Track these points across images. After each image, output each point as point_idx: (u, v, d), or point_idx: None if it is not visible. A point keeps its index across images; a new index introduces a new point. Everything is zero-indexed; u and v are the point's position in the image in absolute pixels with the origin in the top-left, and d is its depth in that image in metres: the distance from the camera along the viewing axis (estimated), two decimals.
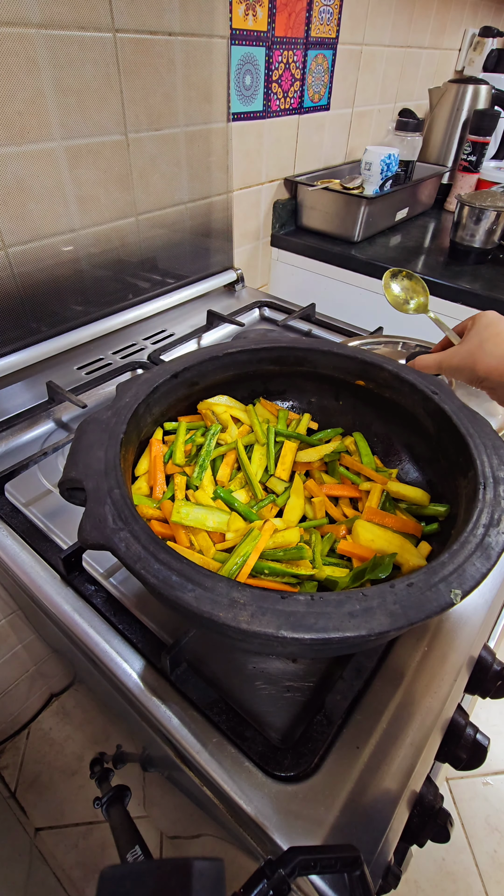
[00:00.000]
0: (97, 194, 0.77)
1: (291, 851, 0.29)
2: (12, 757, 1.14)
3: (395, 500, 0.48)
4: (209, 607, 0.30)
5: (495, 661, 0.49)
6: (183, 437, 0.50)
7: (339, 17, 1.09)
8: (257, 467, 0.50)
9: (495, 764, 1.19)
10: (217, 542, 0.43)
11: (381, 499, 0.47)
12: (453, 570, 0.32)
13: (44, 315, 0.78)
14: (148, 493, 0.47)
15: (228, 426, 0.53)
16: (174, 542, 0.42)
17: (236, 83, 0.93)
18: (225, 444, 0.52)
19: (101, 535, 0.34)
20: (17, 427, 0.69)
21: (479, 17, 1.66)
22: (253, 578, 0.39)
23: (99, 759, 0.84)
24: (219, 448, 0.51)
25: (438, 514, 0.45)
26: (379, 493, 0.47)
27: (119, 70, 0.71)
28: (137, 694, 0.42)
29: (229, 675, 0.43)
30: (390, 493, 0.47)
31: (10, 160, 0.65)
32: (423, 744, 0.40)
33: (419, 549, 0.42)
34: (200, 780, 0.39)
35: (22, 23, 0.59)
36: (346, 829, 0.35)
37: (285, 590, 0.39)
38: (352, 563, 0.42)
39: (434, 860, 1.05)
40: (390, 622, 0.29)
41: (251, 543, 0.40)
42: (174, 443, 0.49)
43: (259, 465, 0.51)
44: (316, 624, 0.29)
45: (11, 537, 0.54)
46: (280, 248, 1.25)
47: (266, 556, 0.41)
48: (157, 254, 0.92)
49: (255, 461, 0.51)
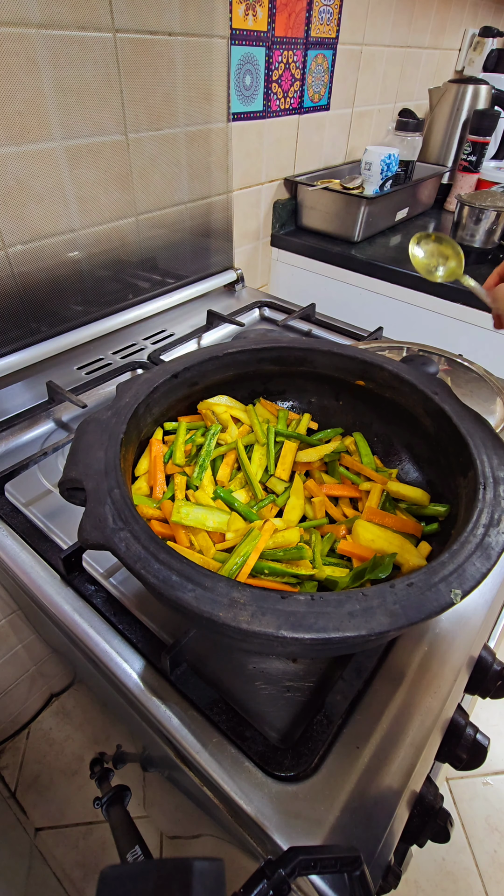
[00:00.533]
0: (97, 194, 0.77)
1: (291, 851, 0.29)
2: (12, 757, 1.14)
3: (394, 500, 0.48)
4: (209, 607, 0.30)
5: (495, 661, 0.49)
6: (183, 437, 0.50)
7: (339, 17, 1.09)
8: (257, 467, 0.50)
9: (495, 764, 1.19)
10: (217, 542, 0.43)
11: (380, 499, 0.47)
12: (453, 570, 0.32)
13: (44, 315, 0.78)
14: (148, 493, 0.47)
15: (228, 426, 0.53)
16: (174, 542, 0.42)
17: (236, 83, 0.93)
18: (225, 444, 0.52)
19: (101, 535, 0.34)
20: (17, 427, 0.69)
21: (479, 17, 1.66)
22: (253, 578, 0.39)
23: (99, 759, 0.84)
24: (219, 448, 0.51)
25: (438, 514, 0.45)
26: (379, 492, 0.47)
27: (119, 70, 0.71)
28: (137, 694, 0.42)
29: (229, 675, 0.43)
30: (390, 493, 0.47)
31: (10, 160, 0.65)
32: (423, 744, 0.40)
33: (419, 549, 0.42)
34: (200, 780, 0.39)
35: (22, 23, 0.59)
36: (346, 829, 0.35)
37: (285, 590, 0.39)
38: (352, 563, 0.42)
39: (434, 860, 1.05)
40: (390, 622, 0.29)
41: (251, 543, 0.40)
42: (174, 443, 0.49)
43: (259, 466, 0.51)
44: (316, 624, 0.29)
45: (11, 537, 0.54)
46: (280, 248, 1.25)
47: (266, 556, 0.41)
48: (157, 254, 0.92)
49: (255, 461, 0.51)
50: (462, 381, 0.69)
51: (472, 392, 0.68)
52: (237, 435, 0.53)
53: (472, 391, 0.68)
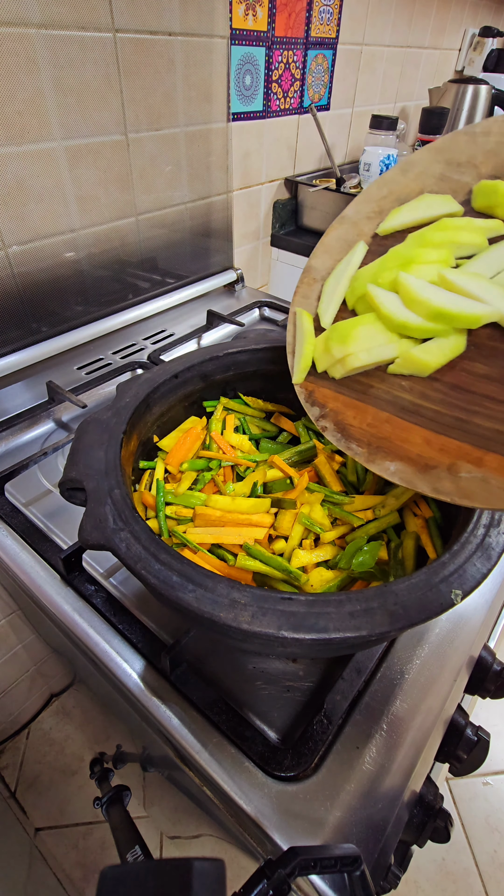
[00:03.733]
0: (97, 194, 0.77)
1: (291, 851, 0.29)
2: (12, 757, 1.14)
3: None
4: (210, 608, 0.30)
5: (495, 661, 0.49)
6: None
7: (339, 17, 1.09)
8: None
9: (495, 764, 1.19)
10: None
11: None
12: (454, 570, 0.32)
13: (44, 315, 0.78)
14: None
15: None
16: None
17: (236, 83, 0.93)
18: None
19: (101, 536, 0.34)
20: (17, 427, 0.69)
21: (479, 17, 1.66)
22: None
23: (99, 759, 0.84)
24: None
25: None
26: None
27: (119, 70, 0.71)
28: (137, 694, 0.42)
29: (229, 675, 0.43)
30: None
31: (10, 160, 0.65)
32: (423, 744, 0.40)
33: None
34: (200, 780, 0.39)
35: (22, 23, 0.59)
36: (346, 829, 0.35)
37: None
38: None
39: (434, 860, 1.05)
40: (391, 622, 0.29)
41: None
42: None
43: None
44: (317, 624, 0.29)
45: (11, 537, 0.54)
46: (280, 248, 1.25)
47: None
48: (157, 254, 0.92)
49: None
50: None
51: None
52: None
53: None
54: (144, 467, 0.48)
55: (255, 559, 0.40)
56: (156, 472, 0.48)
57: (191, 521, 0.44)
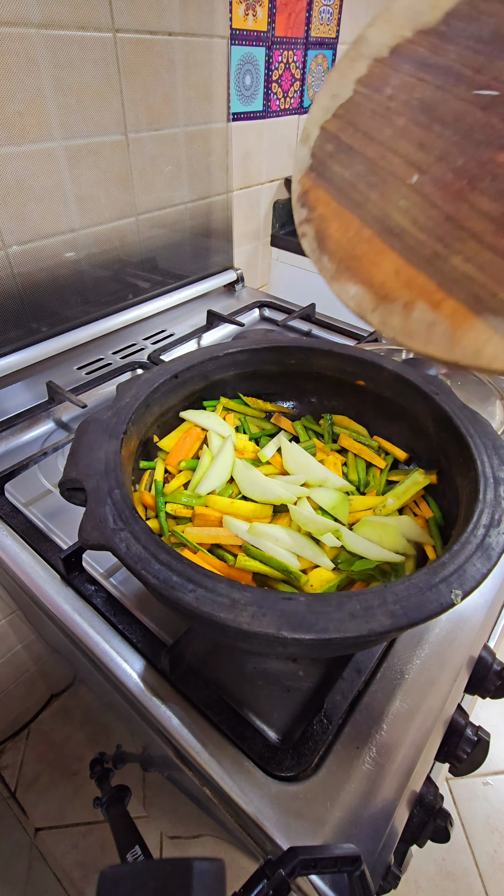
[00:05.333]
0: (97, 194, 0.77)
1: (291, 851, 0.29)
2: (12, 757, 1.14)
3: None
4: (210, 608, 0.30)
5: (495, 661, 0.49)
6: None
7: (339, 17, 1.09)
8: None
9: (495, 764, 1.19)
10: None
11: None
12: (454, 570, 0.32)
13: (44, 315, 0.78)
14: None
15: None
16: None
17: (236, 83, 0.93)
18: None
19: (101, 536, 0.34)
20: (17, 427, 0.69)
21: None
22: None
23: (99, 759, 0.84)
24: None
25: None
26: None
27: (119, 70, 0.71)
28: (137, 694, 0.42)
29: (229, 675, 0.43)
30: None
31: (10, 160, 0.65)
32: (423, 744, 0.40)
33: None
34: (200, 780, 0.39)
35: (22, 23, 0.59)
36: (346, 829, 0.35)
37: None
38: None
39: (434, 860, 1.05)
40: (391, 622, 0.29)
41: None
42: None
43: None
44: (317, 624, 0.29)
45: (11, 537, 0.54)
46: (280, 248, 1.25)
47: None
48: (157, 254, 0.92)
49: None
50: (462, 382, 0.70)
51: (473, 393, 0.68)
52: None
53: (473, 392, 0.68)
54: (144, 467, 0.48)
55: (255, 559, 0.40)
56: (156, 472, 0.48)
57: (190, 520, 0.44)
